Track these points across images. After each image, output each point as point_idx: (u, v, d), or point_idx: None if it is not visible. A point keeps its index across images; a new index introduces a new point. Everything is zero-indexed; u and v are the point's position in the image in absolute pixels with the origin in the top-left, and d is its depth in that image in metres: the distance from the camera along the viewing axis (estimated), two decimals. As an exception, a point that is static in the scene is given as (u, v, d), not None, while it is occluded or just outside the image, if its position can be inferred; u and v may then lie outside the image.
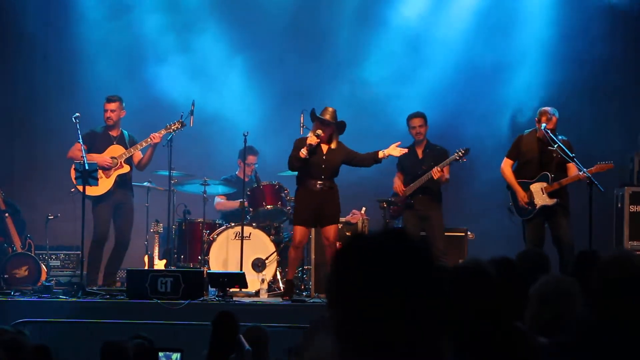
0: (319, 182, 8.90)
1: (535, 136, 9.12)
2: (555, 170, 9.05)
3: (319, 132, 8.85)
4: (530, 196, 9.07)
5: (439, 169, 9.42)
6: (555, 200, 8.98)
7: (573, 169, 8.97)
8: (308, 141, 8.81)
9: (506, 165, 9.32)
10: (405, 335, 1.79)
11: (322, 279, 9.25)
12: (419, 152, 9.79)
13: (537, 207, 9.03)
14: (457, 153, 9.43)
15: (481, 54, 11.95)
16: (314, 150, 8.85)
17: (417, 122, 9.75)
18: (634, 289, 2.88)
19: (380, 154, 8.95)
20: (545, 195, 9.01)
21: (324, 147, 8.99)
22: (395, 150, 8.97)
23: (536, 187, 9.07)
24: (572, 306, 3.45)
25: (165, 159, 9.71)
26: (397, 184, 9.79)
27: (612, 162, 9.09)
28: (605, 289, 2.92)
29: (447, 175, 9.56)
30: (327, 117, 8.92)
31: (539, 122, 9.01)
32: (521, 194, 9.10)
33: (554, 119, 9.03)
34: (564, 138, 9.12)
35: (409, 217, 9.70)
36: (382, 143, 9.51)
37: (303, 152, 8.79)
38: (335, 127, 8.99)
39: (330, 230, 8.94)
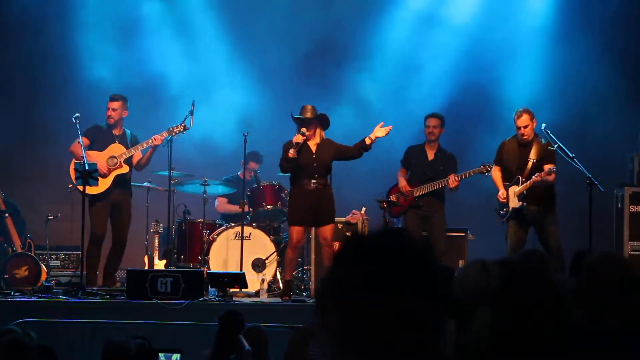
0: (312, 181, 8.87)
1: (514, 141, 9.17)
2: (530, 175, 9.05)
3: (304, 130, 8.83)
4: (507, 198, 9.13)
5: (457, 179, 9.44)
6: (521, 202, 8.99)
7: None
8: (294, 140, 8.80)
9: (493, 170, 9.39)
10: (405, 335, 1.79)
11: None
12: (430, 153, 9.81)
13: (510, 209, 9.08)
14: (485, 167, 9.43)
15: (482, 57, 11.96)
16: (302, 149, 8.83)
17: (432, 121, 9.78)
18: (618, 289, 2.89)
19: (367, 140, 8.78)
20: (515, 198, 9.06)
21: (313, 146, 8.94)
22: (380, 131, 8.77)
23: (510, 191, 9.14)
24: None
25: (165, 158, 9.71)
26: (403, 183, 9.78)
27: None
28: (591, 288, 2.92)
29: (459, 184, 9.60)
30: (308, 115, 8.91)
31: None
32: (499, 191, 9.22)
33: (519, 120, 9.03)
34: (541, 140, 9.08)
35: (412, 216, 9.73)
36: (385, 145, 9.52)
37: (291, 152, 8.78)
38: (319, 123, 8.95)
39: (327, 231, 8.91)
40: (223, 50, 12.16)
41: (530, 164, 9.04)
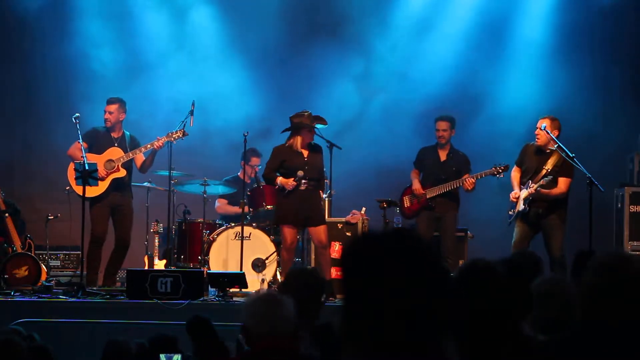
0: (304, 181, 8.93)
1: (534, 146, 9.16)
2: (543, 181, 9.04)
3: (300, 173, 8.85)
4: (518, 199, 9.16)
5: (473, 180, 9.45)
6: (525, 206, 8.99)
7: (560, 184, 8.97)
8: (290, 186, 8.83)
9: (512, 170, 9.38)
10: (409, 334, 1.79)
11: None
12: (442, 154, 9.81)
13: (516, 211, 9.10)
14: (496, 168, 9.45)
15: (480, 60, 11.96)
16: (293, 154, 8.93)
17: (442, 125, 9.80)
18: (628, 289, 2.89)
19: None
20: (521, 201, 9.06)
21: (305, 151, 9.01)
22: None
23: (522, 194, 9.11)
24: (567, 306, 3.48)
25: (165, 158, 9.71)
26: (417, 186, 9.76)
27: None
28: (600, 288, 2.93)
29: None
30: (317, 122, 8.99)
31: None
32: (513, 190, 9.20)
33: (538, 122, 9.04)
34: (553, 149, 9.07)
35: (424, 217, 9.73)
36: (385, 145, 9.47)
37: (278, 183, 8.87)
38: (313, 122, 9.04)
39: (321, 232, 8.95)
40: (223, 48, 12.18)
41: (544, 171, 9.02)
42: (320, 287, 4.73)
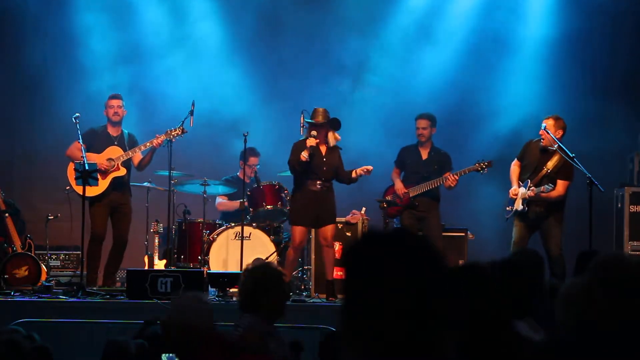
0: (318, 182, 8.94)
1: (538, 143, 9.15)
2: (542, 182, 9.02)
3: (314, 132, 8.85)
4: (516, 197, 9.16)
5: (456, 177, 9.42)
6: (523, 207, 8.99)
7: (559, 186, 8.97)
8: (308, 143, 8.83)
9: (513, 164, 9.37)
10: (409, 334, 1.79)
11: (322, 280, 9.29)
12: (424, 153, 9.81)
13: (514, 209, 9.10)
14: (480, 165, 9.42)
15: (478, 62, 11.96)
16: (314, 151, 8.88)
17: (422, 123, 9.78)
18: (627, 289, 2.90)
19: (354, 174, 9.02)
20: (520, 200, 9.06)
21: (323, 149, 9.01)
22: (365, 173, 9.00)
23: (520, 192, 9.10)
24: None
25: (165, 158, 9.71)
26: (399, 185, 9.77)
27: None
28: (598, 288, 2.93)
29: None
30: (319, 118, 8.95)
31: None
32: (511, 187, 9.21)
33: (544, 122, 9.05)
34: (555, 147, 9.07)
35: (407, 217, 9.72)
36: (384, 138, 9.44)
37: (304, 155, 8.81)
38: (330, 126, 9.00)
39: (328, 231, 9.00)
40: (222, 48, 12.18)
41: (543, 171, 9.03)
42: (274, 283, 4.47)
